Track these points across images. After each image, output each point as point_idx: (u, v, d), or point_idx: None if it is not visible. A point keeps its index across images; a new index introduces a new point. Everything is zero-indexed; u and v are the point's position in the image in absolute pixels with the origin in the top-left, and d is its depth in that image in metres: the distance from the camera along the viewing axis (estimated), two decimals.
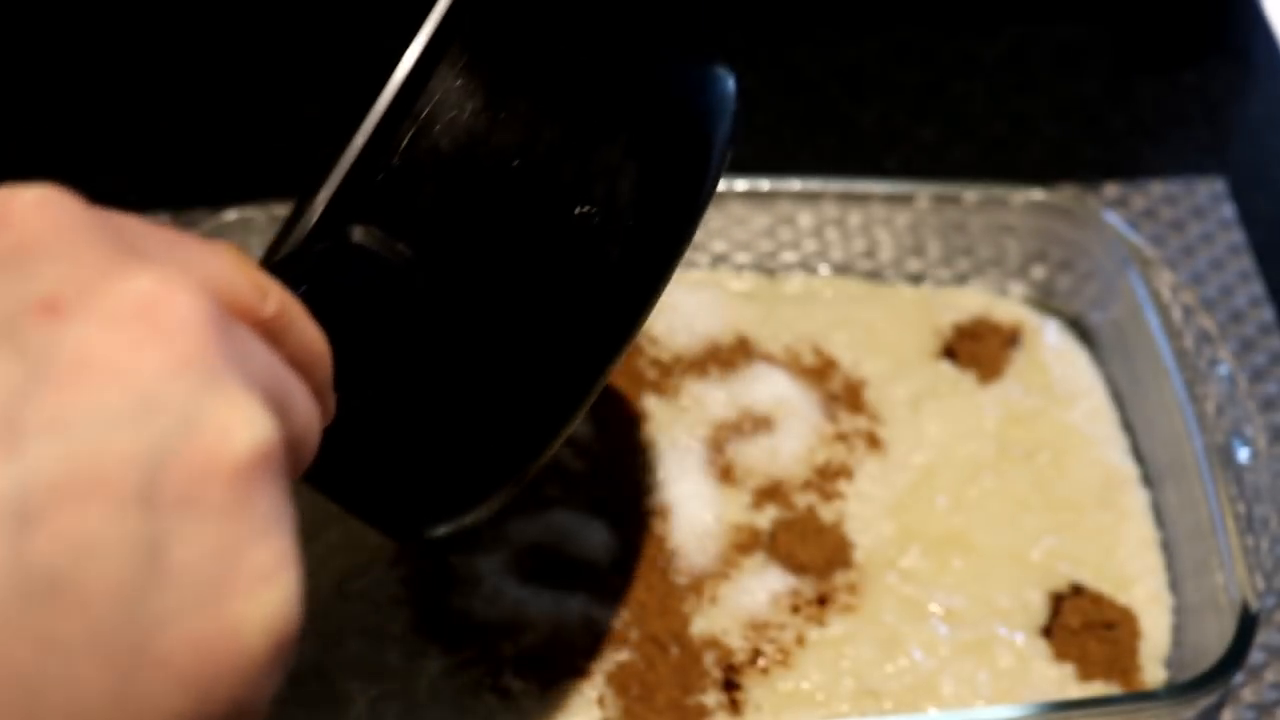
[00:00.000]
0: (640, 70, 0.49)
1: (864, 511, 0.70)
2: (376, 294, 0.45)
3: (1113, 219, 0.75)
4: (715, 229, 0.77)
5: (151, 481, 0.32)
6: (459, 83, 0.45)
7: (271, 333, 0.37)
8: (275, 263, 0.43)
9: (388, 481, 0.49)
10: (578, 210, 0.46)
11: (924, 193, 0.76)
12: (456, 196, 0.45)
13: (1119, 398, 0.74)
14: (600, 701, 0.63)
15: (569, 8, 0.48)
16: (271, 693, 0.35)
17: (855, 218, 0.77)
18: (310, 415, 0.37)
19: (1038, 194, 0.76)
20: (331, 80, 0.91)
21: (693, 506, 0.69)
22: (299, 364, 0.38)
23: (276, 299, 0.38)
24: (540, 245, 0.46)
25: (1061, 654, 0.65)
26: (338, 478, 0.48)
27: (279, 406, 0.35)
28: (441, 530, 0.50)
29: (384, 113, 0.43)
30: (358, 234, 0.44)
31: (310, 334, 0.39)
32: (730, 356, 0.74)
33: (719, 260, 0.78)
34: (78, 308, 0.32)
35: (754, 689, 0.64)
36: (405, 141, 0.44)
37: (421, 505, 0.50)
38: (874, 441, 0.72)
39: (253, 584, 0.33)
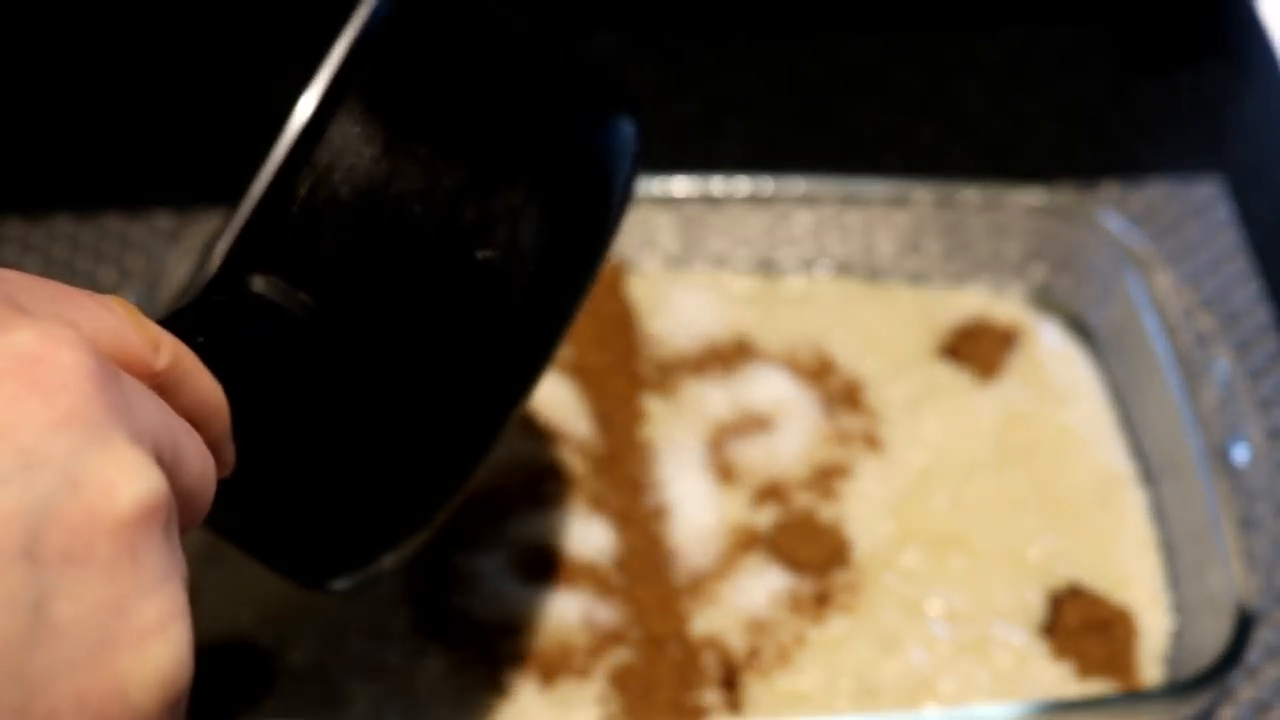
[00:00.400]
0: (541, 115, 0.49)
1: (863, 511, 0.70)
2: (278, 344, 0.44)
3: (1111, 219, 0.75)
4: (715, 229, 0.77)
5: (35, 537, 0.32)
6: (357, 130, 0.45)
7: (164, 386, 0.37)
8: (172, 314, 0.43)
9: (294, 530, 0.49)
10: (480, 254, 0.46)
11: (923, 193, 0.76)
12: (358, 244, 0.45)
13: (1117, 397, 0.74)
14: (600, 701, 0.64)
15: (467, 52, 0.48)
16: None
17: (854, 218, 0.77)
18: (204, 467, 0.37)
19: (1036, 194, 0.76)
20: None
21: (693, 506, 0.69)
22: (194, 416, 0.38)
23: (169, 352, 0.38)
24: (443, 290, 0.46)
25: (1060, 653, 0.66)
26: (243, 525, 0.48)
27: (169, 460, 0.35)
28: (348, 581, 0.50)
29: (282, 162, 0.44)
30: (258, 284, 0.44)
31: (205, 386, 0.39)
32: (730, 356, 0.75)
33: (719, 260, 0.78)
34: None
35: (753, 688, 0.64)
36: (305, 190, 0.44)
37: (328, 554, 0.49)
38: (873, 441, 0.72)
39: (140, 638, 0.33)
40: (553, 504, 0.69)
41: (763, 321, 0.76)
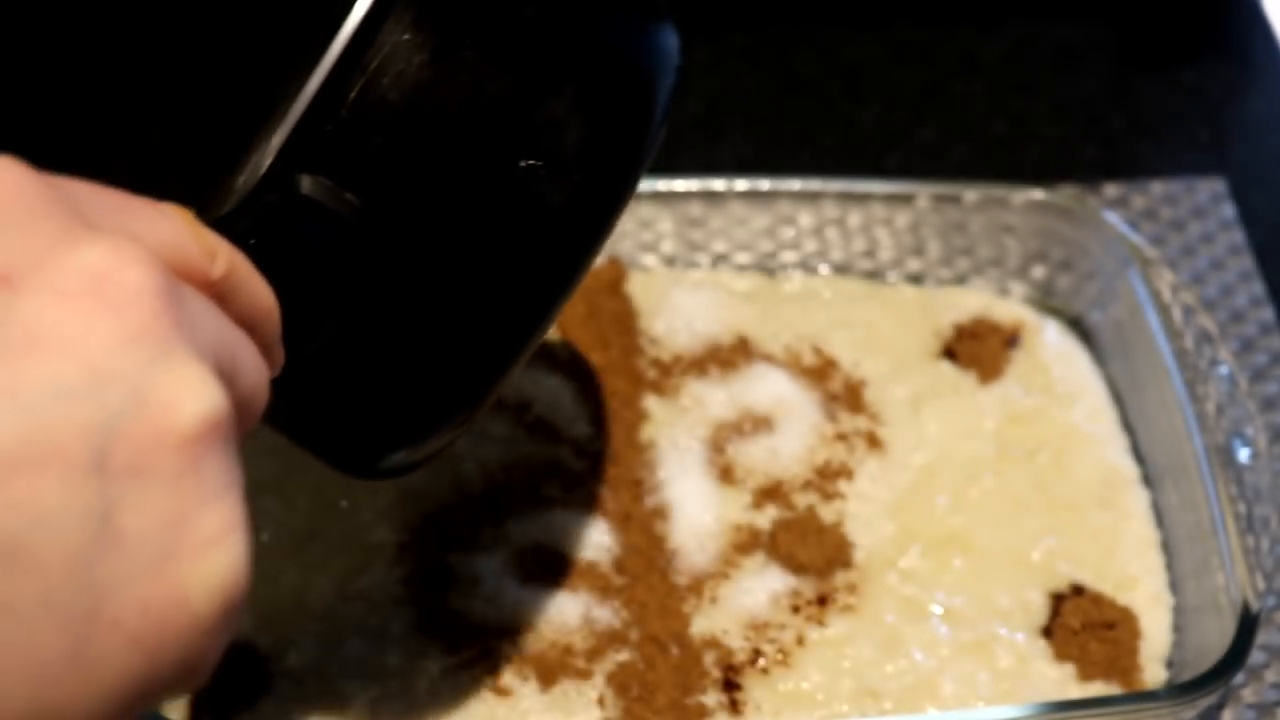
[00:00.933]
0: (586, 25, 0.50)
1: (864, 511, 0.70)
2: (325, 243, 0.46)
3: (1113, 219, 0.75)
4: (715, 229, 0.77)
5: (103, 451, 0.33)
6: (407, 36, 0.45)
7: (220, 293, 0.39)
8: (223, 216, 0.44)
9: (343, 419, 0.51)
10: (523, 162, 0.47)
11: (924, 193, 0.76)
12: (404, 148, 0.46)
13: (1119, 398, 0.74)
14: (600, 701, 0.63)
15: None
16: (220, 651, 0.36)
17: (855, 218, 0.77)
18: (258, 373, 0.39)
19: (1038, 194, 0.76)
20: None
21: (693, 506, 0.69)
22: (247, 321, 0.40)
23: (225, 259, 0.39)
24: (486, 196, 0.47)
25: (1062, 654, 0.65)
26: (293, 416, 0.49)
27: (227, 370, 0.37)
28: (394, 461, 0.52)
29: (333, 65, 0.44)
30: (306, 184, 0.45)
31: (258, 291, 0.41)
32: (730, 356, 0.74)
33: (719, 260, 0.78)
34: (30, 280, 0.33)
35: (754, 689, 0.64)
36: (354, 93, 0.45)
37: (376, 440, 0.52)
38: (874, 441, 0.72)
39: (201, 548, 0.34)
40: (552, 504, 0.69)
41: (763, 321, 0.76)
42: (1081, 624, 0.66)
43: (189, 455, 0.34)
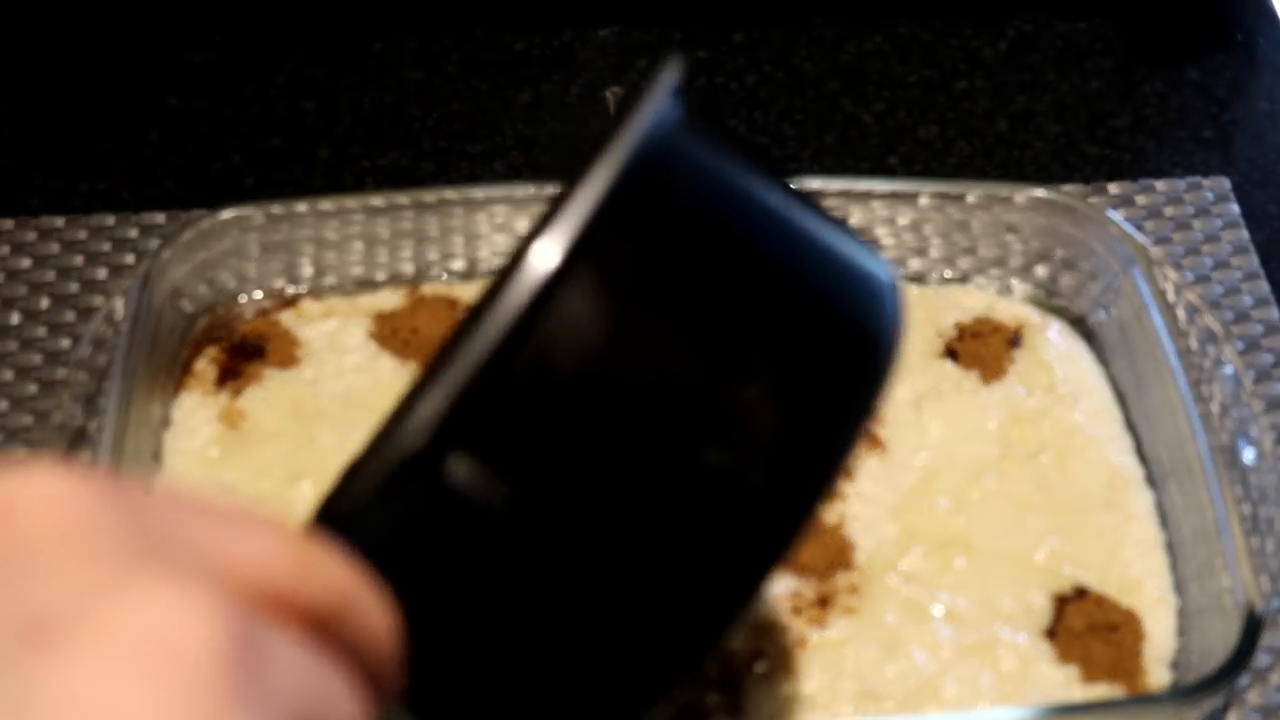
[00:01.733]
0: (794, 294, 0.43)
1: (865, 512, 0.69)
2: (472, 539, 0.39)
3: (1116, 218, 0.74)
4: None
5: None
6: (588, 303, 0.39)
7: (323, 620, 0.33)
8: (349, 512, 0.37)
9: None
10: (706, 455, 0.40)
11: (926, 191, 0.76)
12: (570, 432, 0.39)
13: (1123, 398, 0.74)
14: None
15: (715, 222, 0.42)
16: None
17: (857, 216, 0.77)
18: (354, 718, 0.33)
19: (1041, 192, 0.75)
20: (328, 79, 0.91)
21: None
22: (356, 645, 0.34)
23: (336, 584, 0.33)
24: (660, 490, 0.40)
25: (1065, 656, 0.65)
26: (443, 713, 0.43)
27: None
28: None
29: (501, 335, 0.38)
30: (456, 470, 0.38)
31: (373, 615, 0.34)
32: None
33: None
34: (70, 636, 0.28)
35: (754, 691, 0.64)
36: (522, 365, 0.38)
37: None
38: (876, 441, 0.71)
39: None
40: None
41: None
42: (1085, 626, 0.65)
43: None
